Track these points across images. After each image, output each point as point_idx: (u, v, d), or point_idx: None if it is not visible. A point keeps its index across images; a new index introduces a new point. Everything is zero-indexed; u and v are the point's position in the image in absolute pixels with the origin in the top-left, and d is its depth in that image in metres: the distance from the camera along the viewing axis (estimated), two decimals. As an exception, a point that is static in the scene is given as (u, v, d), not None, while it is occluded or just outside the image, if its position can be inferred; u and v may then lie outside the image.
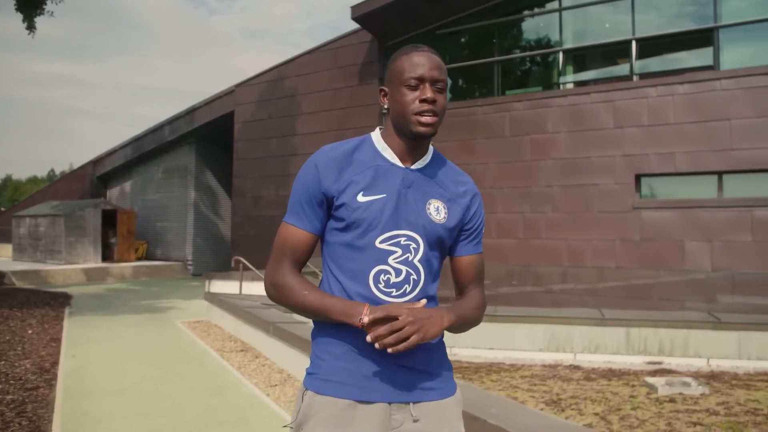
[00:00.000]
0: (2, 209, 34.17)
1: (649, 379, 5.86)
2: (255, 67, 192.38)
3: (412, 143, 1.59)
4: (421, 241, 1.55)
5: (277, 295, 1.56)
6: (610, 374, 6.42)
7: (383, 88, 1.63)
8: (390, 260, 1.52)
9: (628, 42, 11.44)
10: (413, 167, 1.60)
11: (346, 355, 1.50)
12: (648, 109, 10.94)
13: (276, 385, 5.32)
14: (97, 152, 24.62)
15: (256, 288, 10.99)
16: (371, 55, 14.47)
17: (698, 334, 7.36)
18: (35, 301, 10.66)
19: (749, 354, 7.19)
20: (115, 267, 17.78)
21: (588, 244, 11.34)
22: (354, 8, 13.48)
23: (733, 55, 10.65)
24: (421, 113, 1.52)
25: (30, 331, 7.70)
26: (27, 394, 4.85)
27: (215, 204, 20.60)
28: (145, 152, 20.88)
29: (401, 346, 1.37)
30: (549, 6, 12.60)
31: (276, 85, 16.32)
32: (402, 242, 1.53)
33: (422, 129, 1.53)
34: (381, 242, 1.51)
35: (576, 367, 6.76)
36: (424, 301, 1.48)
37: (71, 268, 16.82)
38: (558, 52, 12.26)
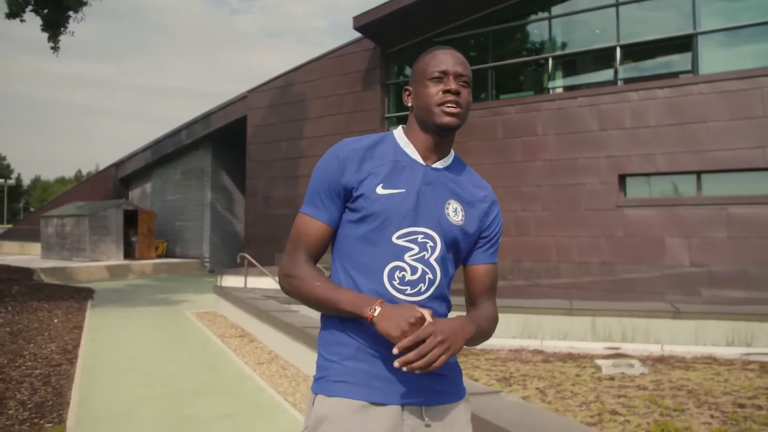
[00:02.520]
0: (32, 209, 35.55)
1: (599, 361, 6.56)
2: (275, 66, 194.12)
3: (436, 139, 1.57)
4: (438, 239, 1.53)
5: (289, 286, 1.54)
6: (568, 357, 7.13)
7: (408, 87, 1.64)
8: (406, 257, 1.49)
9: (613, 48, 12.07)
10: (434, 166, 1.58)
11: (357, 356, 1.48)
12: (630, 112, 11.56)
13: (263, 363, 6.15)
14: (121, 152, 25.67)
15: (260, 282, 11.87)
16: (374, 62, 15.24)
17: (658, 323, 8.02)
18: (61, 294, 11.63)
19: (705, 341, 7.84)
20: (136, 264, 18.81)
21: (575, 240, 12.00)
22: (356, 18, 14.26)
23: (710, 60, 11.22)
24: (444, 103, 1.52)
25: (56, 320, 8.62)
26: (52, 369, 5.73)
27: (230, 204, 21.56)
28: (164, 155, 21.92)
29: (430, 369, 1.34)
30: (539, 14, 13.26)
31: (285, 91, 17.17)
32: (419, 239, 1.51)
33: (447, 119, 1.52)
34: (398, 238, 1.49)
35: (540, 352, 7.48)
36: (431, 311, 1.43)
37: (95, 265, 17.89)
38: (548, 58, 12.92)
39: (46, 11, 10.63)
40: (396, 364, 1.33)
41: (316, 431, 1.45)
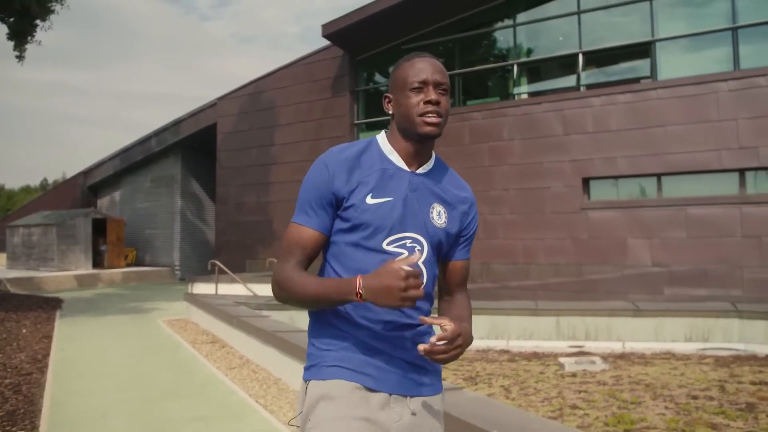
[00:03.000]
0: (-4, 219, 34.87)
1: (562, 359, 6.78)
2: (248, 71, 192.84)
3: (417, 146, 1.63)
4: (425, 243, 1.61)
5: (281, 292, 1.58)
6: (533, 356, 7.34)
7: (387, 95, 1.68)
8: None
9: (576, 55, 12.40)
10: (418, 171, 1.64)
11: (353, 348, 1.55)
12: (593, 117, 11.89)
13: (234, 367, 6.24)
14: (91, 159, 25.41)
15: (231, 289, 11.92)
16: (342, 70, 15.40)
17: (620, 321, 8.30)
18: (29, 305, 11.51)
19: (664, 337, 8.13)
20: (105, 273, 18.63)
21: (541, 242, 12.27)
22: (324, 26, 14.41)
23: (669, 66, 11.60)
24: (425, 114, 1.57)
25: (24, 330, 8.57)
26: (22, 378, 5.75)
27: (201, 211, 21.49)
28: (134, 163, 21.77)
29: (441, 363, 1.48)
30: (505, 22, 13.55)
31: (255, 98, 17.23)
32: (407, 244, 1.58)
33: (428, 129, 1.58)
34: (388, 244, 1.56)
35: (506, 352, 7.69)
36: (405, 255, 1.54)
37: (63, 274, 17.67)
38: (513, 65, 13.21)
39: (12, 20, 10.57)
40: (420, 348, 1.41)
41: (313, 410, 1.50)
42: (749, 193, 10.66)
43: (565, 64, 12.73)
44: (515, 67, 13.18)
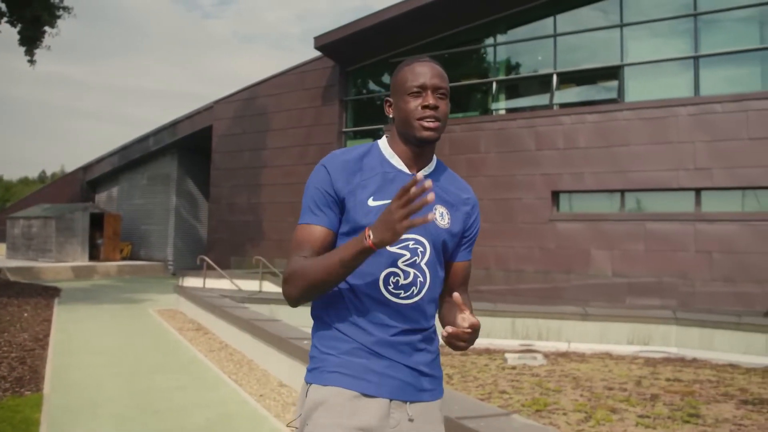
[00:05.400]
0: (-5, 210, 35.60)
1: (508, 355, 7.59)
2: (249, 70, 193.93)
3: (417, 150, 1.64)
4: (427, 244, 1.60)
5: (294, 287, 1.55)
6: (485, 352, 8.16)
7: (388, 98, 1.70)
8: (399, 263, 1.56)
9: (550, 75, 13.24)
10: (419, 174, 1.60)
11: (355, 352, 1.54)
12: (563, 134, 12.72)
13: (214, 350, 7.06)
14: (88, 153, 26.21)
15: (218, 283, 12.76)
16: (333, 79, 16.23)
17: (568, 324, 9.12)
18: (29, 292, 12.30)
19: (608, 340, 8.96)
20: (101, 265, 19.42)
21: (512, 250, 13.10)
22: (317, 38, 15.25)
23: (635, 89, 12.44)
24: (423, 118, 1.58)
25: (26, 314, 9.36)
26: (26, 353, 6.55)
27: (195, 209, 22.31)
28: (132, 160, 22.59)
29: (458, 349, 1.50)
30: (486, 41, 14.40)
31: (249, 103, 18.06)
32: (410, 246, 1.57)
33: (426, 133, 1.58)
34: (391, 246, 1.54)
35: (462, 347, 8.49)
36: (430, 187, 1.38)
37: (61, 265, 18.47)
38: (492, 82, 14.06)
39: (20, 26, 11.38)
40: (445, 332, 1.45)
41: (311, 416, 1.53)
42: (704, 211, 11.48)
43: (540, 83, 13.58)
44: (494, 84, 14.02)
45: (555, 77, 13.19)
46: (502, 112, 14.06)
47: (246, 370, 6.09)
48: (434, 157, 1.72)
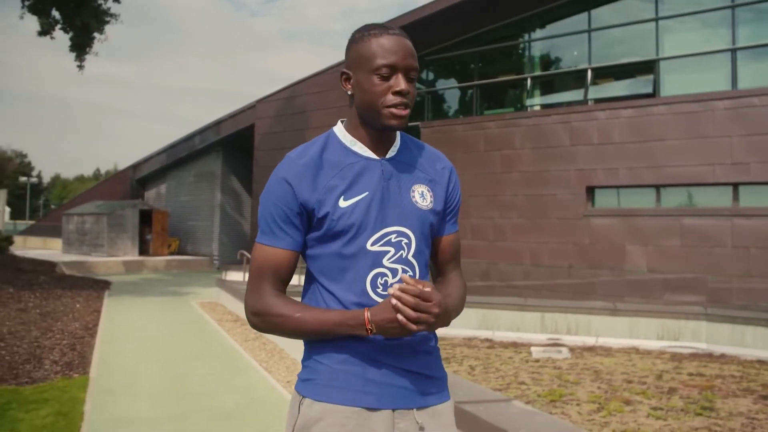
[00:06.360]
0: (52, 207, 37.24)
1: (534, 348, 7.75)
2: (292, 68, 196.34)
3: (380, 133, 1.50)
4: (411, 234, 1.48)
5: (263, 324, 1.46)
6: (512, 345, 8.32)
7: (346, 71, 1.54)
8: (385, 261, 1.46)
9: (585, 71, 13.24)
10: (387, 156, 1.52)
11: (349, 360, 1.43)
12: (598, 130, 12.71)
13: (249, 340, 7.46)
14: (139, 151, 27.25)
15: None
16: (370, 78, 16.49)
17: (597, 319, 9.20)
18: (82, 285, 13.01)
19: (637, 335, 9.01)
20: (150, 260, 20.24)
21: (546, 246, 13.17)
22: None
23: (670, 84, 12.35)
24: (394, 105, 1.43)
25: (78, 305, 9.98)
26: (77, 340, 7.07)
27: (239, 205, 22.97)
28: (178, 158, 23.41)
29: (416, 328, 1.33)
30: (521, 38, 14.46)
31: (290, 102, 18.52)
32: (393, 240, 1.46)
33: (394, 122, 1.45)
34: (372, 244, 1.44)
35: (489, 341, 8.68)
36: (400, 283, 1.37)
37: (112, 260, 19.35)
38: (527, 78, 14.12)
39: (71, 34, 12.04)
40: (391, 291, 1.34)
41: None
42: (741, 206, 11.34)
43: (575, 79, 13.58)
44: (529, 80, 14.08)
45: (590, 72, 13.16)
46: (537, 108, 14.10)
47: (277, 358, 6.44)
48: (398, 133, 1.57)
